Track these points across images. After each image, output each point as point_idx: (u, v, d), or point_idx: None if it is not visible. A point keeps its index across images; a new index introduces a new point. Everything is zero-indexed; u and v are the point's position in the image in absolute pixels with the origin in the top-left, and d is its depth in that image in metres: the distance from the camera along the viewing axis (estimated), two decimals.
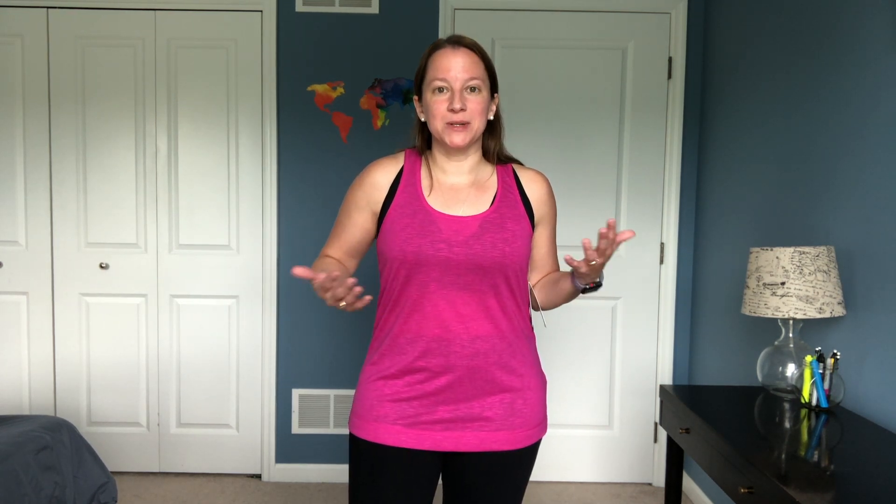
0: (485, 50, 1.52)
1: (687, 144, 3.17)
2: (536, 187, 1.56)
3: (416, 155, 1.56)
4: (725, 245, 2.83)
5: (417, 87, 1.53)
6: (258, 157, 3.18)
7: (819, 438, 1.67)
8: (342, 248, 1.58)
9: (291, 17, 3.14)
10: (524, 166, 1.60)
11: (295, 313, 3.22)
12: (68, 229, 3.20)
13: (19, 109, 3.16)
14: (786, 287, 1.83)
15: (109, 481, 2.51)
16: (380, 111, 3.16)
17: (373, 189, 1.52)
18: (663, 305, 3.22)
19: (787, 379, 1.94)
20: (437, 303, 1.45)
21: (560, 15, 3.13)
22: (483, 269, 1.44)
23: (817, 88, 2.16)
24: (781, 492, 1.31)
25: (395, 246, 1.45)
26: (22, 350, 3.24)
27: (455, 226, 1.45)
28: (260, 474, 3.29)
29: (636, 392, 3.25)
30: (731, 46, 2.85)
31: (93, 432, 3.23)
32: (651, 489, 3.23)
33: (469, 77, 1.46)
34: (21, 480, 2.07)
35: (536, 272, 1.63)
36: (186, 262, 3.22)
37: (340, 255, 1.59)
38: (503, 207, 1.50)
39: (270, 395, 3.24)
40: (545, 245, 1.61)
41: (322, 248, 1.64)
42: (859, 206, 1.92)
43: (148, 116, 3.17)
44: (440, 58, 1.48)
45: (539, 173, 1.59)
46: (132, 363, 3.24)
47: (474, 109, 1.46)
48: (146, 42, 3.15)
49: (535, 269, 1.62)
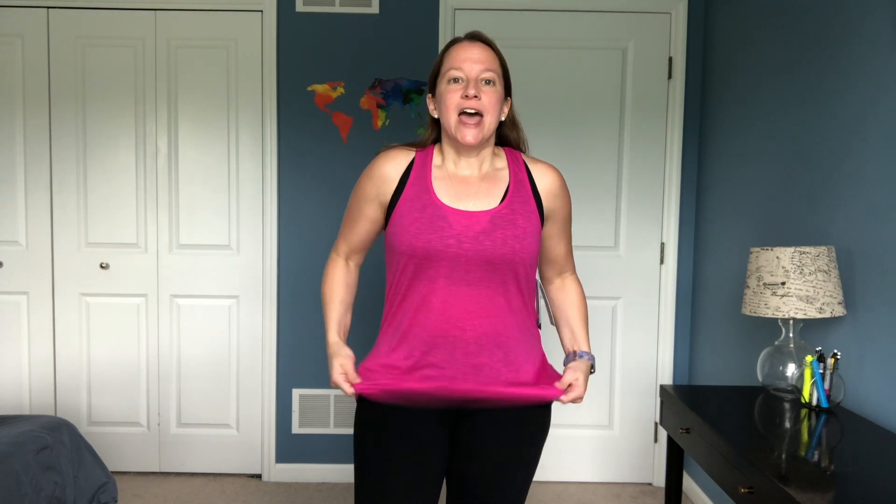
0: (501, 50, 1.53)
1: (687, 144, 3.17)
2: (548, 180, 1.54)
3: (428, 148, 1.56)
4: (725, 245, 2.83)
5: (432, 84, 1.53)
6: (258, 157, 3.19)
7: (819, 438, 1.67)
8: (351, 244, 1.61)
9: (291, 17, 3.14)
10: (536, 159, 1.58)
11: (295, 313, 3.22)
12: (68, 229, 3.20)
13: (19, 109, 3.16)
14: (786, 287, 1.83)
15: (109, 481, 2.51)
16: (380, 111, 3.16)
17: (382, 181, 1.51)
18: (663, 305, 3.22)
19: (788, 379, 1.94)
20: (446, 298, 1.44)
21: (560, 15, 3.13)
22: (493, 266, 1.44)
23: (817, 88, 2.16)
24: (781, 492, 1.31)
25: (405, 240, 1.44)
26: (22, 350, 3.24)
27: (465, 221, 1.44)
28: (260, 474, 3.29)
29: (636, 392, 3.25)
30: (731, 46, 2.85)
31: (93, 432, 3.23)
32: (651, 489, 3.23)
33: (484, 68, 1.46)
34: (21, 480, 2.07)
35: (550, 268, 1.62)
36: (186, 262, 3.22)
37: (350, 252, 1.62)
38: (515, 203, 1.48)
39: (270, 395, 3.24)
40: (558, 240, 1.59)
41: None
42: (859, 206, 1.92)
43: (148, 116, 3.17)
44: (457, 50, 1.48)
45: (551, 166, 1.58)
46: (132, 363, 3.24)
47: (488, 102, 1.46)
48: (146, 42, 3.15)
49: (549, 265, 1.62)
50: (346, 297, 1.61)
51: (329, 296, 1.60)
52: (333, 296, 1.60)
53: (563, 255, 1.62)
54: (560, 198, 1.56)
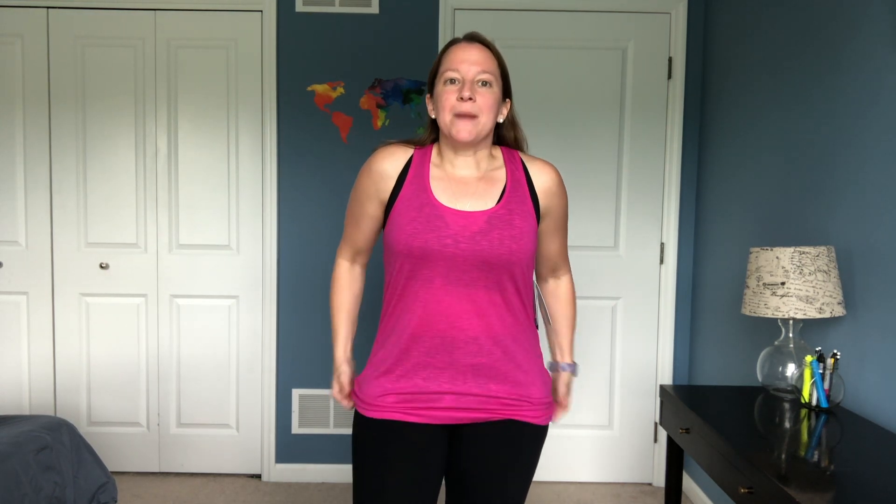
0: (500, 52, 1.52)
1: (687, 144, 3.17)
2: (545, 178, 1.54)
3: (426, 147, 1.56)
4: (725, 245, 2.83)
5: (430, 84, 1.53)
6: (258, 157, 3.18)
7: (819, 438, 1.67)
8: (356, 245, 1.61)
9: (291, 17, 3.14)
10: (533, 157, 1.58)
11: (295, 313, 3.22)
12: (68, 229, 3.20)
13: (19, 109, 3.16)
14: (786, 287, 1.83)
15: (109, 481, 2.51)
16: (380, 111, 3.16)
17: (380, 178, 1.51)
18: (663, 305, 3.22)
19: (787, 379, 1.94)
20: (442, 298, 1.44)
21: (560, 15, 3.13)
22: (489, 266, 1.44)
23: (817, 88, 2.16)
24: (781, 492, 1.31)
25: (401, 240, 1.44)
26: (22, 350, 3.24)
27: (462, 221, 1.44)
28: (260, 474, 3.29)
29: (636, 392, 3.25)
30: (731, 46, 2.85)
31: (93, 432, 3.23)
32: (651, 489, 3.23)
33: (481, 70, 1.46)
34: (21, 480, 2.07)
35: (544, 265, 1.62)
36: (186, 262, 3.22)
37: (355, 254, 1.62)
38: (512, 203, 1.48)
39: (270, 395, 3.24)
40: (553, 238, 1.59)
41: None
42: (859, 206, 1.92)
43: (148, 116, 3.17)
44: (454, 51, 1.48)
45: (548, 163, 1.57)
46: (132, 363, 3.24)
47: (484, 103, 1.46)
48: (146, 42, 3.15)
49: (542, 262, 1.62)
50: (352, 309, 1.63)
51: (336, 309, 1.62)
52: (340, 308, 1.62)
53: (556, 253, 1.61)
54: (557, 196, 1.55)
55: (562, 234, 1.61)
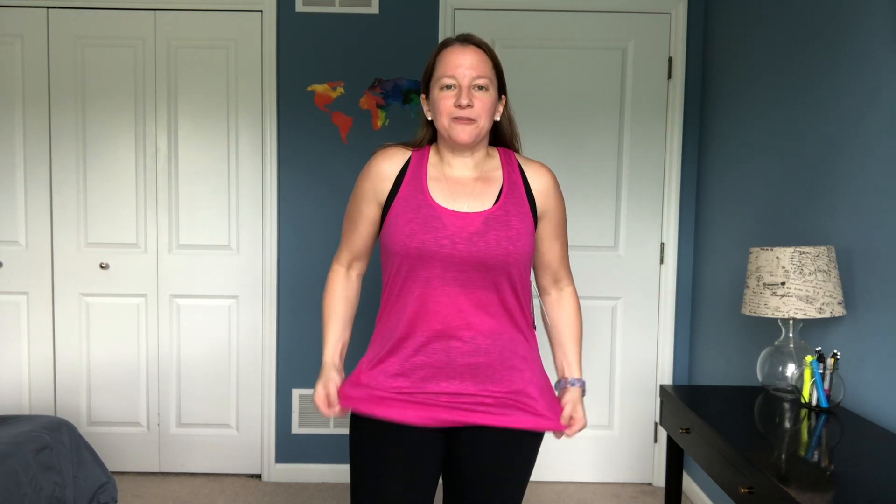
0: (493, 50, 1.53)
1: (687, 144, 3.17)
2: (541, 180, 1.54)
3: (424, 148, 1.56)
4: (725, 245, 2.83)
5: (425, 85, 1.53)
6: (258, 157, 3.18)
7: (819, 438, 1.67)
8: (353, 250, 1.60)
9: (291, 17, 3.14)
10: (528, 158, 1.58)
11: (295, 313, 3.22)
12: (68, 229, 3.20)
13: (19, 109, 3.16)
14: (786, 287, 1.83)
15: (109, 481, 2.51)
16: (380, 111, 3.16)
17: (379, 179, 1.51)
18: (663, 305, 3.22)
19: (788, 379, 1.94)
20: (440, 299, 1.44)
21: (560, 15, 3.13)
22: (486, 267, 1.44)
23: (817, 88, 2.16)
24: (781, 492, 1.31)
25: (398, 240, 1.44)
26: (22, 350, 3.24)
27: (459, 222, 1.44)
28: (260, 474, 3.29)
29: (636, 392, 3.25)
30: (731, 46, 2.85)
31: (93, 432, 3.23)
32: (651, 489, 3.23)
33: (477, 75, 1.45)
34: (21, 480, 2.07)
35: (544, 275, 1.60)
36: (186, 262, 3.22)
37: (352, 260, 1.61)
38: (509, 204, 1.48)
39: (270, 395, 3.24)
40: (552, 242, 1.57)
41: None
42: (859, 206, 1.92)
43: (148, 116, 3.17)
44: (449, 55, 1.47)
45: (544, 165, 1.58)
46: (132, 363, 3.24)
47: (481, 108, 1.46)
48: (146, 42, 3.15)
49: (543, 270, 1.60)
50: (344, 314, 1.61)
51: (327, 312, 1.61)
52: (332, 313, 1.61)
53: (557, 260, 1.59)
54: (553, 198, 1.55)
55: (561, 239, 1.59)
